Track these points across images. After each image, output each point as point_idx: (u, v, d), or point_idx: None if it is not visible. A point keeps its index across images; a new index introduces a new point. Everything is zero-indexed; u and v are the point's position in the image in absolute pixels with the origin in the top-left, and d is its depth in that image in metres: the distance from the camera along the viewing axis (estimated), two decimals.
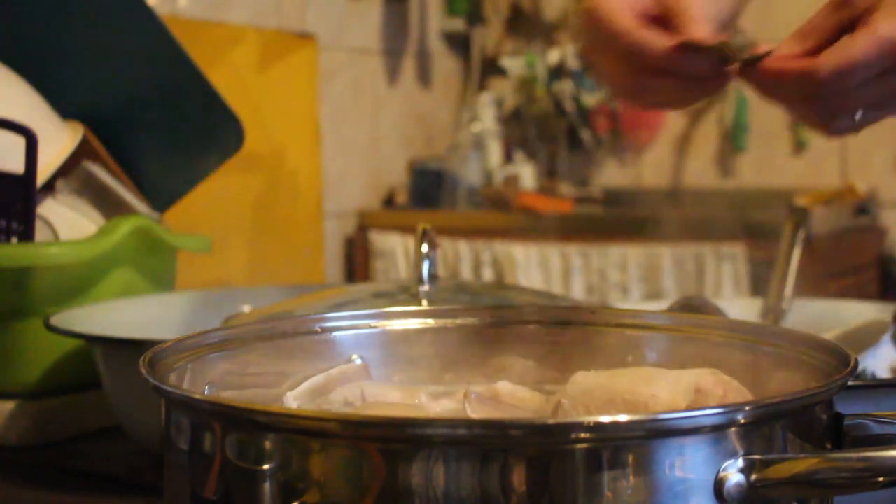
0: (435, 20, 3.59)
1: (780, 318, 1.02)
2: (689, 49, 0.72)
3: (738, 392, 0.62)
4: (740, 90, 3.31)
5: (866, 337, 0.90)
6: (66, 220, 1.03)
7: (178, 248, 1.08)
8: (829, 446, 0.54)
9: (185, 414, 0.53)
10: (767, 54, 0.71)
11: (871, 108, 0.70)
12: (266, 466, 0.49)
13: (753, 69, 0.71)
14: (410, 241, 3.06)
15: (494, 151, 3.52)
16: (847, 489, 0.50)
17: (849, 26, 0.69)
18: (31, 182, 0.96)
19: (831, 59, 0.67)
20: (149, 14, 1.06)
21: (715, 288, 2.75)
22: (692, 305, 0.98)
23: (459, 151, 3.36)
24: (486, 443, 0.47)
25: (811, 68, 0.68)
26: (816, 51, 0.70)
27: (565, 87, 3.52)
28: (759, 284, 2.69)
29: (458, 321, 0.72)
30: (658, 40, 0.73)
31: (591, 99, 3.55)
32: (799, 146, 3.33)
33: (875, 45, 0.66)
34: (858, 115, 0.70)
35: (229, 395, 0.64)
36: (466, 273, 3.03)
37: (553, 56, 3.47)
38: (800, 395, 0.52)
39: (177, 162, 1.15)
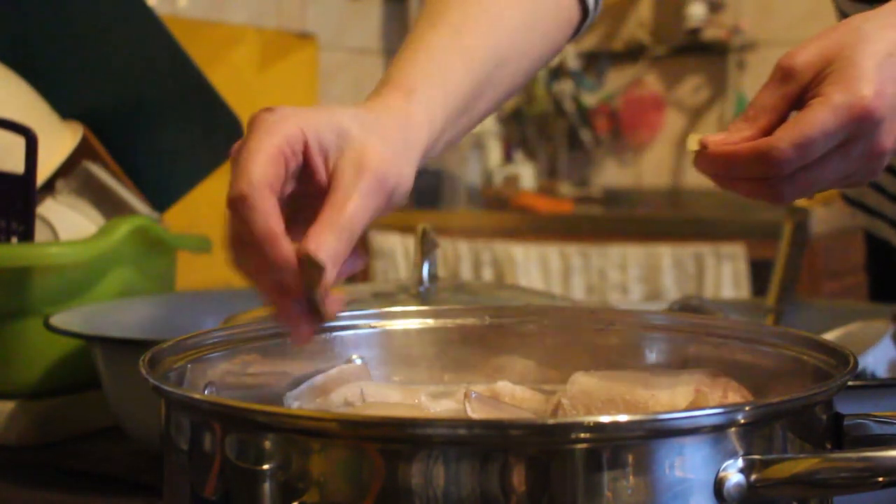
0: None
1: (780, 318, 1.02)
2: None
3: (737, 392, 0.62)
4: (740, 90, 3.31)
5: (866, 337, 0.90)
6: (66, 220, 1.03)
7: (178, 248, 1.08)
8: (829, 446, 0.54)
9: (185, 414, 0.53)
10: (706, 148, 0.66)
11: (833, 184, 0.66)
12: (266, 466, 0.49)
13: (704, 156, 0.66)
14: (410, 241, 3.06)
15: (494, 151, 3.52)
16: (847, 489, 0.50)
17: (796, 101, 0.66)
18: (31, 182, 0.96)
19: (788, 133, 0.63)
20: (149, 14, 1.06)
21: (715, 288, 2.75)
22: (692, 305, 0.99)
23: (459, 151, 3.36)
24: (486, 443, 0.47)
25: (767, 146, 0.63)
26: (769, 130, 0.65)
27: (565, 87, 3.52)
28: (759, 284, 2.69)
29: (458, 321, 0.72)
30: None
31: (591, 99, 3.55)
32: None
33: (832, 115, 0.63)
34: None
35: (229, 395, 0.64)
36: (466, 273, 3.03)
37: None
38: (800, 395, 0.52)
39: (177, 162, 1.15)
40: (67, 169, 1.06)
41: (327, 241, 0.58)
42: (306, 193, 0.62)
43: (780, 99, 0.66)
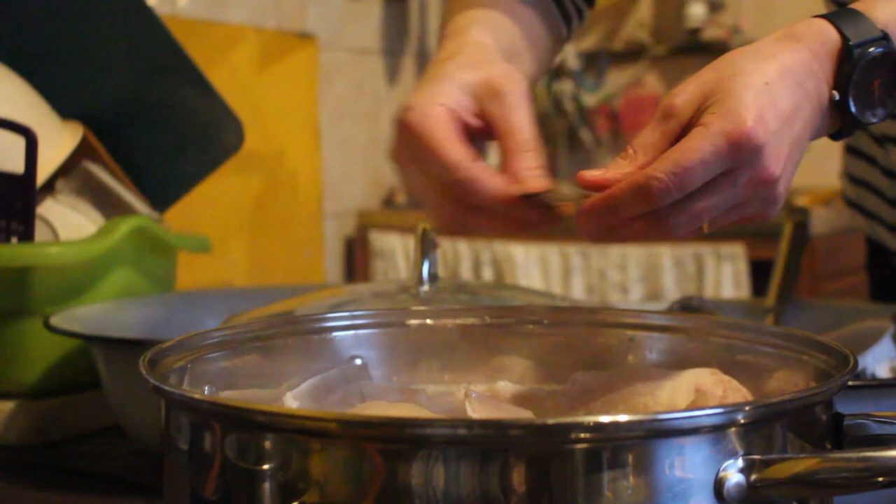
0: (435, 20, 3.58)
1: (780, 318, 1.02)
2: (524, 199, 0.68)
3: (738, 392, 0.62)
4: None
5: (866, 337, 0.90)
6: (66, 220, 1.03)
7: (178, 248, 1.08)
8: (829, 446, 0.54)
9: (185, 414, 0.53)
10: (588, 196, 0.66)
11: (720, 216, 0.65)
12: (266, 466, 0.49)
13: (583, 210, 0.66)
14: (410, 241, 3.06)
15: (494, 151, 3.52)
16: (847, 489, 0.50)
17: (677, 138, 0.65)
18: (31, 182, 0.96)
19: (665, 162, 0.62)
20: (149, 14, 1.06)
21: (715, 288, 2.76)
22: (692, 305, 0.99)
23: None
24: (486, 443, 0.47)
25: (644, 176, 0.62)
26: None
27: (565, 87, 3.52)
28: (759, 284, 2.69)
29: (458, 321, 0.72)
30: (491, 183, 0.68)
31: (590, 99, 3.55)
32: None
33: (709, 142, 0.62)
34: (706, 226, 0.65)
35: (229, 395, 0.64)
36: (466, 273, 3.03)
37: None
38: (800, 395, 0.52)
39: (177, 162, 1.15)
40: (67, 169, 1.06)
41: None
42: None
43: (661, 137, 0.65)
